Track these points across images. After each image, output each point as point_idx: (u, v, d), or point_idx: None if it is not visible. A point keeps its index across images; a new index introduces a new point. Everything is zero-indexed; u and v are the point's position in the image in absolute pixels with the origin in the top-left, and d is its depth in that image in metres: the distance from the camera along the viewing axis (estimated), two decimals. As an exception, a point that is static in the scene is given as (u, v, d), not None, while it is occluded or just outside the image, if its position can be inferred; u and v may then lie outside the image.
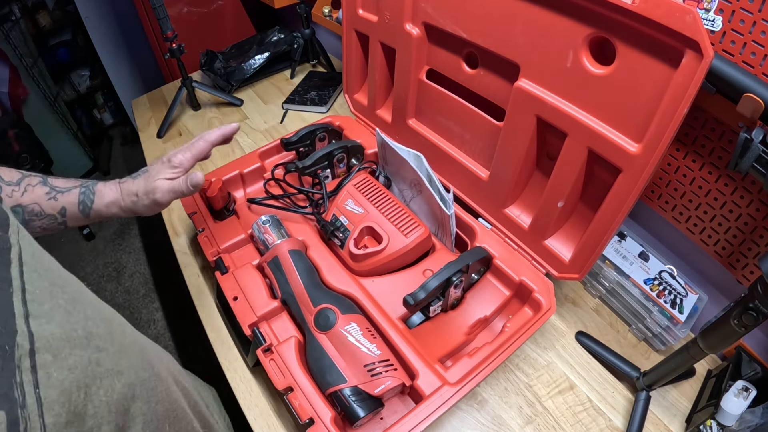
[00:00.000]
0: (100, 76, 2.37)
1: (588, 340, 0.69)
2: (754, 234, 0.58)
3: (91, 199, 0.53)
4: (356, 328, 0.55)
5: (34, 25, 2.18)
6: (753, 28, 0.47)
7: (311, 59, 1.31)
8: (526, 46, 0.55)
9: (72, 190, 0.53)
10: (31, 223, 0.49)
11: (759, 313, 0.43)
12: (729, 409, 0.56)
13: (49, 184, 0.52)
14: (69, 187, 0.53)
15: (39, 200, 0.49)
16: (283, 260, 0.62)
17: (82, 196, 0.53)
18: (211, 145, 0.60)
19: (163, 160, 0.57)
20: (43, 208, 0.50)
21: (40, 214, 0.50)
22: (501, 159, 0.65)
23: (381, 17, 0.75)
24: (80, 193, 0.53)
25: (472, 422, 0.59)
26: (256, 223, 0.68)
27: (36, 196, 0.49)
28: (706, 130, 0.58)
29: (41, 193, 0.50)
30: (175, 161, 0.57)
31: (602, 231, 0.55)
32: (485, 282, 0.65)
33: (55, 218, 0.51)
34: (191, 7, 1.50)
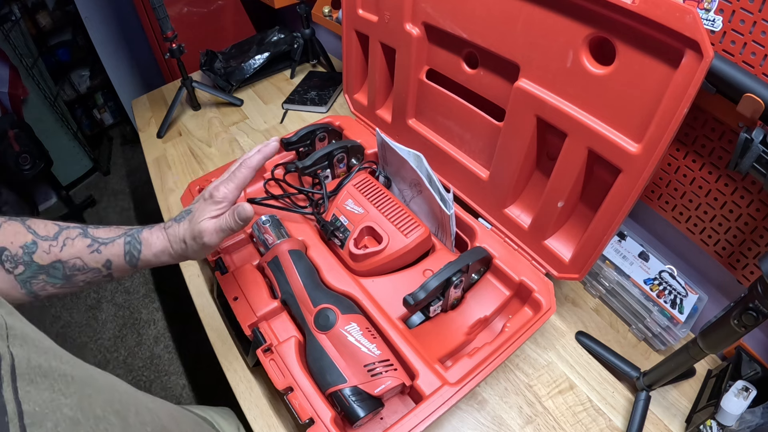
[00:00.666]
0: (100, 76, 2.37)
1: (588, 340, 0.69)
2: (754, 234, 0.58)
3: (138, 249, 0.49)
4: (356, 328, 0.55)
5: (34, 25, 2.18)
6: (753, 28, 0.47)
7: (311, 59, 1.31)
8: (526, 46, 0.55)
9: (116, 241, 0.49)
10: (73, 278, 0.46)
11: (759, 313, 0.43)
12: (729, 409, 0.56)
13: (90, 236, 0.48)
14: (112, 237, 0.49)
15: (81, 254, 0.46)
16: (283, 260, 0.62)
17: (128, 246, 0.49)
18: (254, 170, 0.53)
19: (205, 197, 0.51)
20: (86, 262, 0.47)
21: (83, 268, 0.46)
22: (501, 159, 0.65)
23: (381, 17, 0.75)
24: (125, 243, 0.49)
25: (472, 422, 0.59)
26: (256, 224, 0.68)
27: (77, 249, 0.46)
28: (706, 130, 0.58)
29: (82, 246, 0.47)
30: (218, 196, 0.50)
31: (602, 231, 0.55)
32: (485, 282, 0.65)
33: (100, 271, 0.48)
34: (191, 7, 1.50)
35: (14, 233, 0.44)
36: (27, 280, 0.44)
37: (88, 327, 1.76)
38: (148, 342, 1.68)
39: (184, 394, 1.49)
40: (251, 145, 1.06)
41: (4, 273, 0.42)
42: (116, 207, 2.28)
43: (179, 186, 0.97)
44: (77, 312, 1.81)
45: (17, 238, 0.44)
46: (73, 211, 2.19)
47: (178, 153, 1.07)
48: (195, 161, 1.04)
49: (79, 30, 2.23)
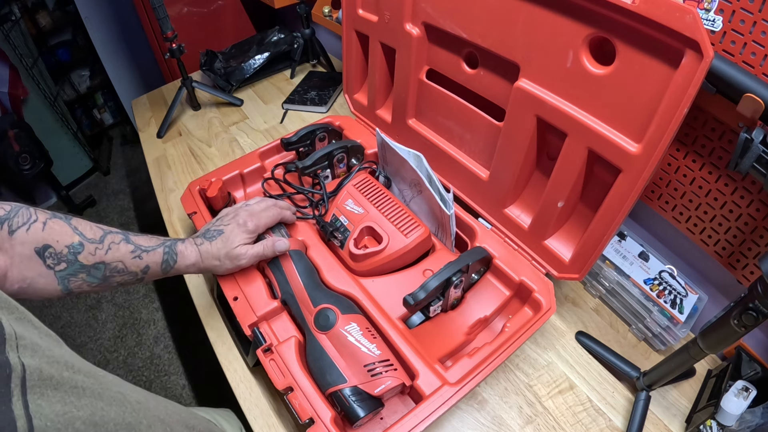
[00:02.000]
0: (100, 76, 2.37)
1: (588, 340, 0.69)
2: (754, 234, 0.58)
3: (174, 260, 0.55)
4: (356, 328, 0.55)
5: (34, 25, 2.18)
6: (753, 28, 0.47)
7: (311, 59, 1.30)
8: (526, 46, 0.55)
9: (156, 250, 0.54)
10: (110, 279, 0.50)
11: (759, 313, 0.43)
12: (729, 409, 0.56)
13: (133, 242, 0.52)
14: (153, 246, 0.54)
15: (123, 258, 0.50)
16: (283, 260, 0.62)
17: (166, 256, 0.54)
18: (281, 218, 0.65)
19: (239, 222, 0.60)
20: (127, 266, 0.50)
21: (122, 270, 0.50)
22: (501, 159, 0.65)
23: (381, 17, 0.75)
24: (164, 253, 0.54)
25: (472, 422, 0.59)
26: None
27: (121, 254, 0.50)
28: (706, 130, 0.58)
29: (126, 251, 0.51)
30: (251, 227, 0.60)
31: (602, 231, 0.55)
32: (485, 282, 0.65)
33: (136, 275, 0.52)
34: (191, 7, 1.50)
35: (61, 233, 0.45)
36: (66, 278, 0.46)
37: (88, 327, 1.76)
38: (148, 342, 1.68)
39: (184, 394, 1.49)
40: (251, 145, 1.06)
41: (44, 268, 0.44)
42: (116, 207, 2.28)
43: (179, 186, 0.97)
44: (77, 312, 1.81)
45: (63, 238, 0.45)
46: (72, 211, 2.18)
47: (178, 153, 1.07)
48: (195, 161, 1.04)
49: (79, 30, 2.23)
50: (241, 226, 0.60)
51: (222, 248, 0.58)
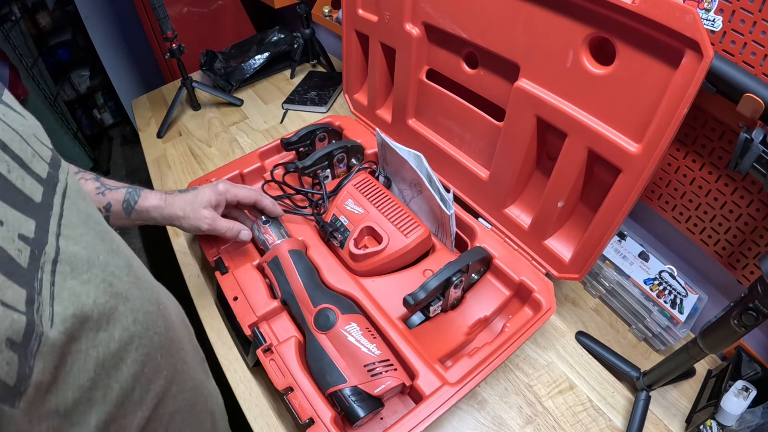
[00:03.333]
0: (100, 76, 2.37)
1: (588, 340, 0.69)
2: (754, 234, 0.58)
3: (135, 200, 0.57)
4: (356, 328, 0.55)
5: (34, 25, 2.18)
6: (753, 28, 0.47)
7: (311, 59, 1.30)
8: (526, 46, 0.55)
9: (120, 189, 0.57)
10: None
11: (759, 313, 0.43)
12: (729, 409, 0.56)
13: (101, 181, 0.56)
14: (118, 186, 0.57)
15: (89, 193, 0.51)
16: (283, 260, 0.62)
17: (128, 196, 0.57)
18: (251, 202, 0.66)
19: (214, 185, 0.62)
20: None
21: None
22: (501, 159, 0.65)
23: (381, 17, 0.75)
24: (126, 192, 0.57)
25: (472, 422, 0.59)
26: (256, 224, 0.68)
27: (87, 189, 0.52)
28: (706, 130, 0.58)
29: (92, 187, 0.54)
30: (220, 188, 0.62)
31: (602, 231, 0.55)
32: (485, 282, 0.65)
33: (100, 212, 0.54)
34: (191, 7, 1.50)
35: None
36: None
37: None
38: (148, 342, 1.67)
39: (184, 394, 1.48)
40: (251, 145, 1.06)
41: None
42: (116, 207, 2.27)
43: (179, 186, 0.97)
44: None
45: None
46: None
47: (178, 153, 1.07)
48: (195, 161, 1.04)
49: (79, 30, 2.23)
50: (213, 187, 0.62)
51: (190, 202, 0.59)
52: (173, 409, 0.34)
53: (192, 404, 0.37)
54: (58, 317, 0.22)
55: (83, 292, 0.25)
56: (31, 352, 0.20)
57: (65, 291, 0.23)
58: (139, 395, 0.29)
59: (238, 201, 0.65)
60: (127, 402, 0.28)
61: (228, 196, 0.63)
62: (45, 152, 0.27)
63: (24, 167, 0.24)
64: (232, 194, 0.64)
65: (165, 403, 0.33)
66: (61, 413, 0.23)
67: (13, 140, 0.24)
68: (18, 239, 0.22)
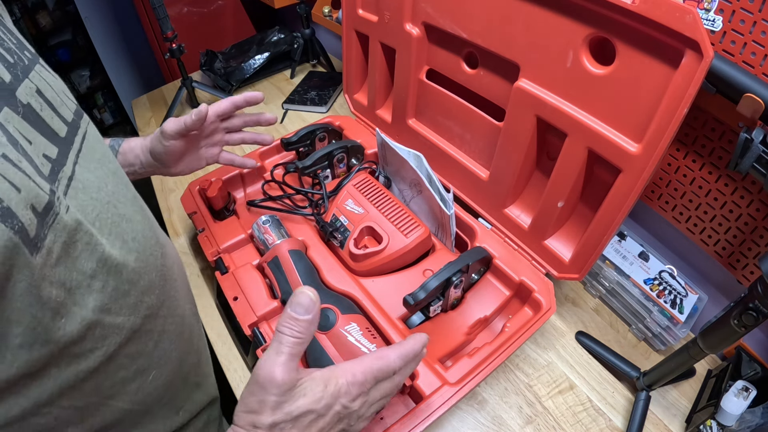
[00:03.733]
0: (100, 76, 2.37)
1: (588, 340, 0.69)
2: (754, 234, 0.58)
3: (119, 143, 0.61)
4: (356, 328, 0.55)
5: (34, 25, 2.18)
6: (753, 28, 0.47)
7: (311, 59, 1.30)
8: (526, 46, 0.55)
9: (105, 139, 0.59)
10: None
11: (759, 313, 0.43)
12: (729, 409, 0.56)
13: None
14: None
15: None
16: (283, 260, 0.62)
17: (113, 142, 0.61)
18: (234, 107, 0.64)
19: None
20: None
21: None
22: (501, 159, 0.65)
23: (381, 17, 0.75)
24: (111, 139, 0.61)
25: (472, 422, 0.59)
26: (256, 224, 0.68)
27: None
28: (706, 130, 0.58)
29: None
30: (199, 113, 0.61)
31: (602, 231, 0.55)
32: (485, 282, 0.65)
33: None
34: (191, 7, 1.50)
35: None
36: None
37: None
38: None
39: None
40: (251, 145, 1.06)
41: None
42: (116, 207, 2.27)
43: (179, 186, 0.97)
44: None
45: None
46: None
47: (178, 153, 1.06)
48: (195, 161, 1.03)
49: (79, 30, 2.23)
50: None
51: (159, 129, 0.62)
52: (162, 329, 0.37)
53: (179, 333, 0.40)
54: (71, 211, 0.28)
55: (90, 205, 0.30)
56: (47, 224, 0.26)
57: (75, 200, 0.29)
58: (133, 301, 0.33)
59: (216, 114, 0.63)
60: (122, 301, 0.32)
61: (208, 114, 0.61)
62: (71, 105, 0.34)
63: (53, 110, 0.31)
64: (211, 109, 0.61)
65: (155, 321, 0.36)
66: (67, 288, 0.27)
67: (46, 89, 0.31)
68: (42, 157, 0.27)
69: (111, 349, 0.31)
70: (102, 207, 0.31)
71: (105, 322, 0.30)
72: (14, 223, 0.23)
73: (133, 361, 0.34)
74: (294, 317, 0.35)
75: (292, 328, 0.34)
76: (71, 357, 0.29)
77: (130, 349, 0.33)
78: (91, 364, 0.30)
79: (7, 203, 0.23)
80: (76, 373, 0.29)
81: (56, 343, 0.27)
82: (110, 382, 0.33)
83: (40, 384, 0.28)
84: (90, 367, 0.30)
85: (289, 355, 0.34)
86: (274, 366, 0.33)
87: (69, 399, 0.30)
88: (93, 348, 0.30)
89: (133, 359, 0.34)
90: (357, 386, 0.37)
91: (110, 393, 0.33)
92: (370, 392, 0.38)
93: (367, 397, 0.38)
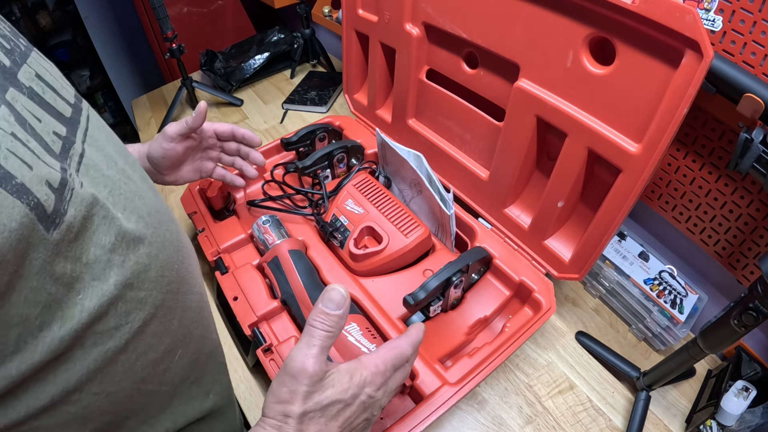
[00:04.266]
0: (100, 76, 2.37)
1: (588, 340, 0.69)
2: (754, 234, 0.58)
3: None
4: (356, 328, 0.55)
5: (34, 25, 2.18)
6: (753, 28, 0.47)
7: (311, 59, 1.30)
8: (526, 46, 0.55)
9: None
10: None
11: (759, 313, 0.43)
12: (729, 409, 0.56)
13: None
14: None
15: None
16: (283, 260, 0.62)
17: None
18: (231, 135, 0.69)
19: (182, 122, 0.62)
20: None
21: None
22: (501, 159, 0.65)
23: (381, 17, 0.75)
24: None
25: (472, 422, 0.59)
26: (256, 224, 0.68)
27: None
28: (706, 130, 0.58)
29: None
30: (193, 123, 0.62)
31: (602, 231, 0.55)
32: (485, 282, 0.65)
33: None
34: (191, 7, 1.50)
35: None
36: None
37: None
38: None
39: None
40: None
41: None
42: (116, 207, 2.27)
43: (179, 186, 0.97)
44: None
45: None
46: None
47: (178, 153, 1.06)
48: (195, 161, 1.03)
49: (79, 30, 2.23)
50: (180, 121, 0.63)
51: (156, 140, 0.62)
52: (184, 305, 0.36)
53: (200, 309, 0.40)
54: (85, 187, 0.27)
55: (102, 182, 0.30)
56: (66, 198, 0.25)
57: (87, 177, 0.28)
58: (154, 275, 0.32)
59: (215, 131, 0.67)
60: (144, 275, 0.31)
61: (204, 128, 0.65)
62: (70, 90, 0.33)
63: (55, 92, 0.30)
64: (208, 127, 0.65)
65: (177, 297, 0.35)
66: (84, 263, 0.27)
67: (45, 74, 0.30)
68: (53, 134, 0.27)
69: (135, 325, 0.31)
70: (114, 184, 0.31)
71: (127, 296, 0.30)
72: (30, 199, 0.23)
73: (160, 339, 0.33)
74: (326, 312, 0.36)
75: (324, 322, 0.36)
76: (96, 335, 0.28)
77: (154, 326, 0.32)
78: (118, 343, 0.29)
79: (21, 179, 0.22)
80: (103, 353, 0.29)
81: (78, 321, 0.27)
82: (141, 364, 0.32)
83: (67, 369, 0.27)
84: (117, 347, 0.29)
85: (321, 348, 0.36)
86: (307, 358, 0.35)
87: (99, 384, 0.29)
88: (117, 325, 0.29)
89: (159, 338, 0.33)
90: (380, 376, 0.39)
91: (142, 375, 0.32)
92: (389, 381, 0.40)
93: (387, 386, 0.40)
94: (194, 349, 0.38)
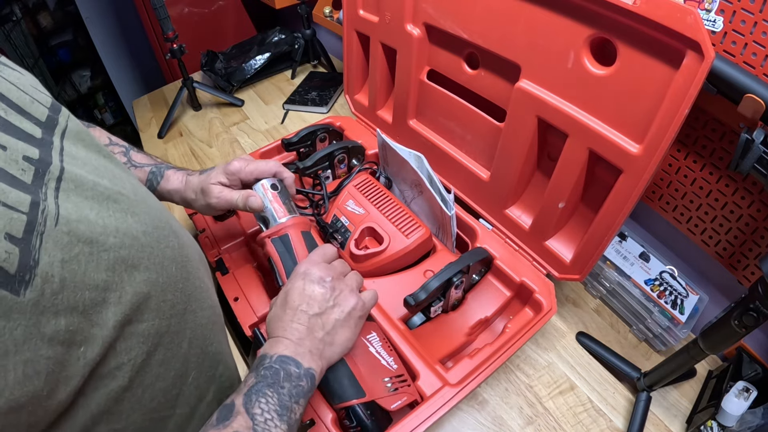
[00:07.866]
0: (101, 76, 2.37)
1: (589, 341, 0.69)
2: (755, 235, 0.58)
3: (158, 181, 0.56)
4: (376, 338, 0.52)
5: (35, 25, 2.18)
6: (754, 28, 0.47)
7: (312, 60, 1.31)
8: (527, 46, 0.55)
9: (144, 167, 0.56)
10: None
11: (759, 314, 0.43)
12: (730, 409, 0.56)
13: (129, 157, 0.55)
14: (144, 163, 0.56)
15: None
16: (294, 239, 0.54)
17: (151, 176, 0.56)
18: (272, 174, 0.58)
19: (226, 164, 0.57)
20: None
21: None
22: (502, 160, 0.65)
23: (382, 18, 0.75)
24: (150, 172, 0.56)
25: (472, 423, 0.59)
26: (261, 185, 0.57)
27: None
28: (707, 130, 0.58)
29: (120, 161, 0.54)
30: (231, 168, 0.56)
31: (603, 232, 0.55)
32: (486, 283, 0.65)
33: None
34: (192, 8, 1.50)
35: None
36: None
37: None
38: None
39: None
40: (252, 145, 1.06)
41: None
42: (117, 207, 2.27)
43: (180, 186, 0.97)
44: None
45: None
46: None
47: (179, 153, 1.07)
48: (196, 161, 1.04)
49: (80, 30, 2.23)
50: (227, 165, 0.56)
51: (201, 182, 0.56)
52: (195, 323, 0.35)
53: (213, 322, 0.38)
54: (63, 219, 0.24)
55: (87, 206, 0.27)
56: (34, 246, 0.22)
57: (69, 203, 0.26)
58: (156, 303, 0.30)
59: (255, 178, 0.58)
60: (144, 306, 0.29)
61: (242, 175, 0.56)
62: (44, 99, 0.30)
63: (21, 112, 0.27)
64: (247, 172, 0.56)
65: (185, 318, 0.33)
66: (80, 311, 0.24)
67: (9, 90, 0.27)
68: (23, 160, 0.24)
69: (139, 360, 0.29)
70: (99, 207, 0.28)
71: (126, 333, 0.28)
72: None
73: (168, 366, 0.31)
74: None
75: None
76: (96, 380, 0.26)
77: (160, 355, 0.31)
78: (121, 382, 0.28)
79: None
80: (106, 395, 0.27)
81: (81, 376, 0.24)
82: (149, 395, 0.30)
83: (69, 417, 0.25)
84: (120, 386, 0.28)
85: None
86: None
87: (107, 424, 0.28)
88: (119, 365, 0.27)
89: (167, 365, 0.31)
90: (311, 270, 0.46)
91: (151, 406, 0.31)
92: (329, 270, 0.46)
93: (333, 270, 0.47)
94: (209, 366, 0.37)
